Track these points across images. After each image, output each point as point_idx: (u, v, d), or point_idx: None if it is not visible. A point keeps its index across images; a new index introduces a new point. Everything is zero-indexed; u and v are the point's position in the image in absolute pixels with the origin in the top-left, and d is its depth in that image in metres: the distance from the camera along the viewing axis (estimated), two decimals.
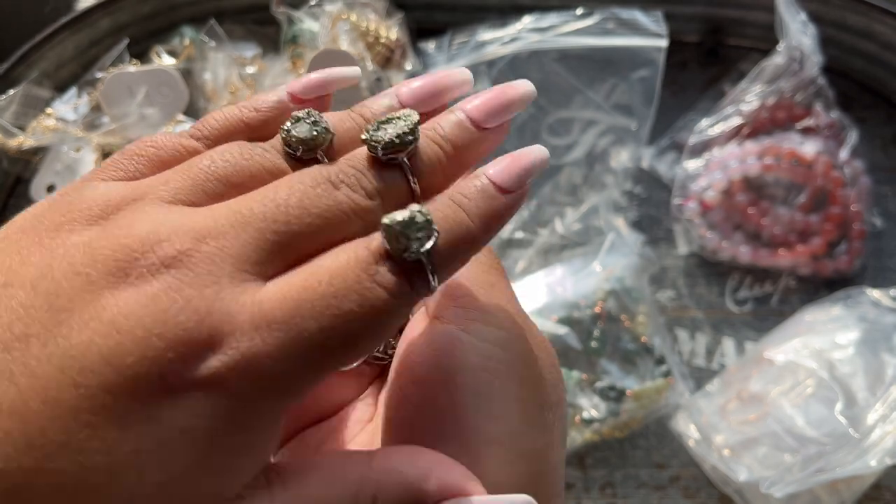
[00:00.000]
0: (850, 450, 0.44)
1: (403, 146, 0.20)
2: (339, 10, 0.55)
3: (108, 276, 0.16)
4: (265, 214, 0.18)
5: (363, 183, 0.19)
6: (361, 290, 0.17)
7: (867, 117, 0.61)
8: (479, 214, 0.19)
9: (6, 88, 0.56)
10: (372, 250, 0.18)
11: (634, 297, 0.51)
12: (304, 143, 0.20)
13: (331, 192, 0.19)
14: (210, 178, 0.19)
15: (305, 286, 0.17)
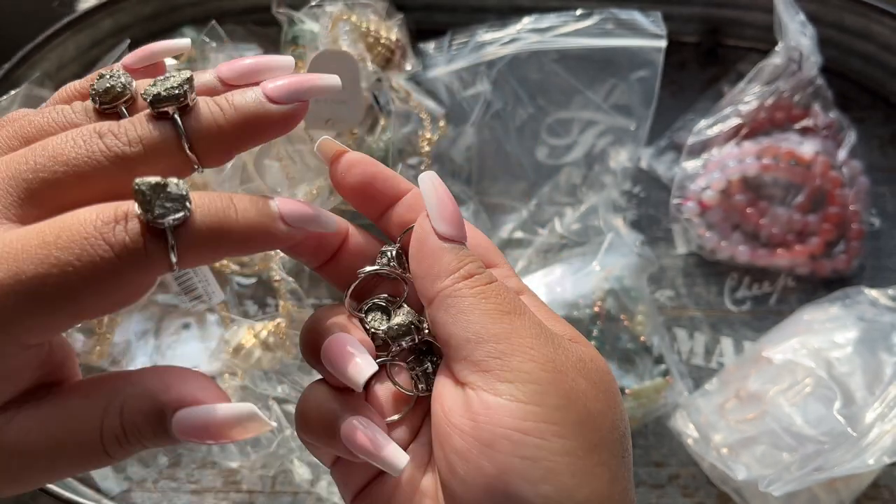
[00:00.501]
0: (848, 448, 0.44)
1: (171, 100, 0.21)
2: (340, 11, 0.55)
3: None
4: (21, 163, 0.20)
5: (129, 133, 0.20)
6: (85, 245, 0.18)
7: (865, 117, 0.61)
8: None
9: (8, 89, 0.56)
10: (117, 209, 0.19)
11: (633, 296, 0.51)
12: (100, 95, 0.22)
13: (92, 141, 0.20)
14: (14, 137, 0.21)
15: (38, 232, 0.19)
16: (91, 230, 0.18)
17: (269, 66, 0.23)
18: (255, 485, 0.50)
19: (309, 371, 0.52)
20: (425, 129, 0.55)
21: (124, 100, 0.22)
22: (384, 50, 0.56)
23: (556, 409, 0.21)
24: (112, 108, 0.22)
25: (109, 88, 0.22)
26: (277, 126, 0.22)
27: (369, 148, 0.54)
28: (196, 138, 0.21)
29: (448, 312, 0.23)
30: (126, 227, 0.19)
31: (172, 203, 0.19)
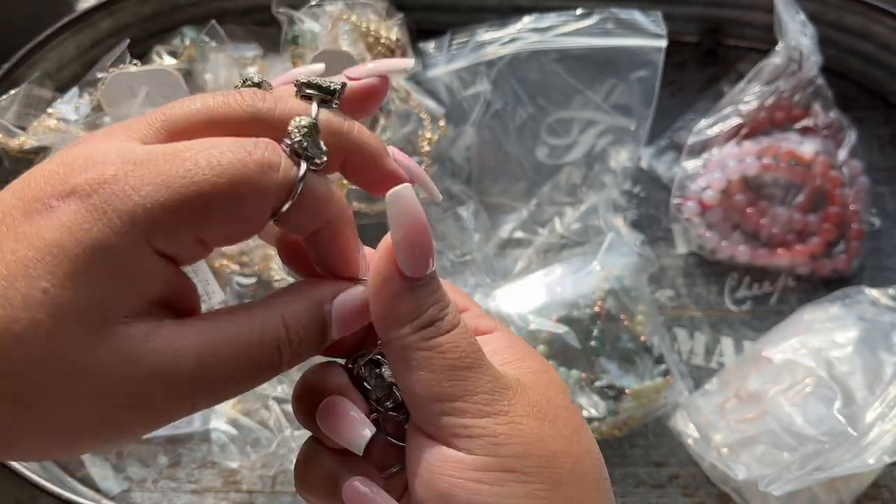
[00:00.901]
0: (848, 448, 0.44)
1: (321, 90, 0.23)
2: (340, 11, 0.55)
3: (53, 196, 0.20)
4: (176, 106, 0.21)
5: (268, 97, 0.22)
6: (239, 152, 0.20)
7: (865, 117, 0.61)
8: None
9: (8, 89, 0.56)
10: (259, 139, 0.21)
11: (633, 296, 0.51)
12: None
13: (237, 95, 0.22)
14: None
15: (188, 146, 0.20)
16: (237, 144, 0.20)
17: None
18: (255, 485, 0.50)
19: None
20: (425, 128, 0.55)
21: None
22: (384, 50, 0.56)
23: (514, 458, 0.21)
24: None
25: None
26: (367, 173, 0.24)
27: None
28: (325, 121, 0.22)
29: (403, 363, 0.22)
30: (268, 148, 0.21)
31: (316, 150, 0.21)
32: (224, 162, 0.20)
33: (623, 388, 0.49)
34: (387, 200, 0.22)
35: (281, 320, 0.21)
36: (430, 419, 0.22)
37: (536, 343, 0.49)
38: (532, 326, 0.50)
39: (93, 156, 0.20)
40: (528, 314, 0.50)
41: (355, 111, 0.24)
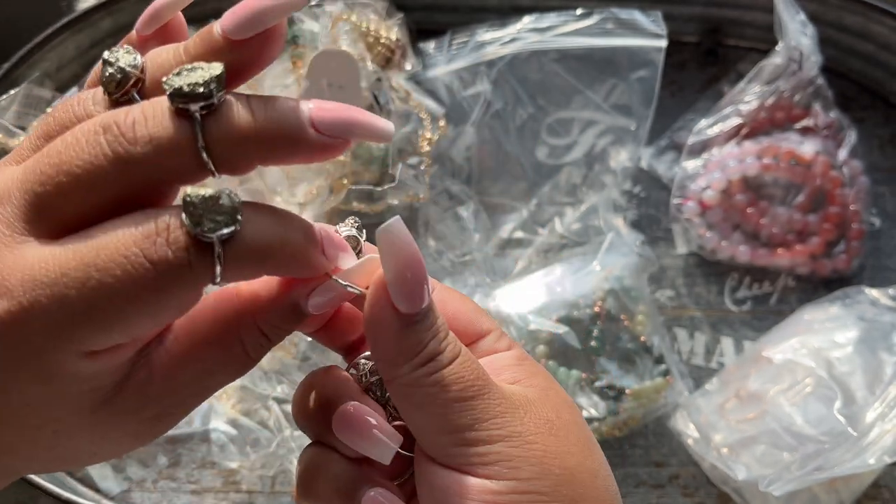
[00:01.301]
0: (848, 448, 0.44)
1: (193, 97, 0.18)
2: (340, 11, 0.55)
3: None
4: (31, 172, 0.18)
5: (137, 129, 0.18)
6: (125, 265, 0.17)
7: (865, 117, 0.61)
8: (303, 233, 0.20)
9: (7, 88, 0.56)
10: (157, 222, 0.18)
11: (633, 296, 0.51)
12: (105, 85, 0.20)
13: (94, 141, 0.18)
14: (39, 136, 0.20)
15: (75, 252, 0.18)
16: (131, 248, 0.17)
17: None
18: (255, 485, 0.50)
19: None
20: (425, 128, 0.55)
21: (132, 84, 0.20)
22: (384, 49, 0.56)
23: (533, 479, 0.21)
24: (125, 97, 0.20)
25: (110, 77, 0.20)
26: (309, 156, 0.20)
27: (369, 147, 0.54)
28: (215, 141, 0.18)
29: (407, 401, 0.22)
30: (168, 241, 0.18)
31: (223, 216, 0.18)
32: (126, 279, 0.17)
33: (623, 389, 0.49)
34: (377, 236, 0.20)
35: (254, 326, 0.22)
36: (440, 450, 0.22)
37: (536, 343, 0.49)
38: (532, 326, 0.50)
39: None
40: (528, 314, 0.50)
41: (305, 160, 0.21)
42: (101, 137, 0.18)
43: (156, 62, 0.20)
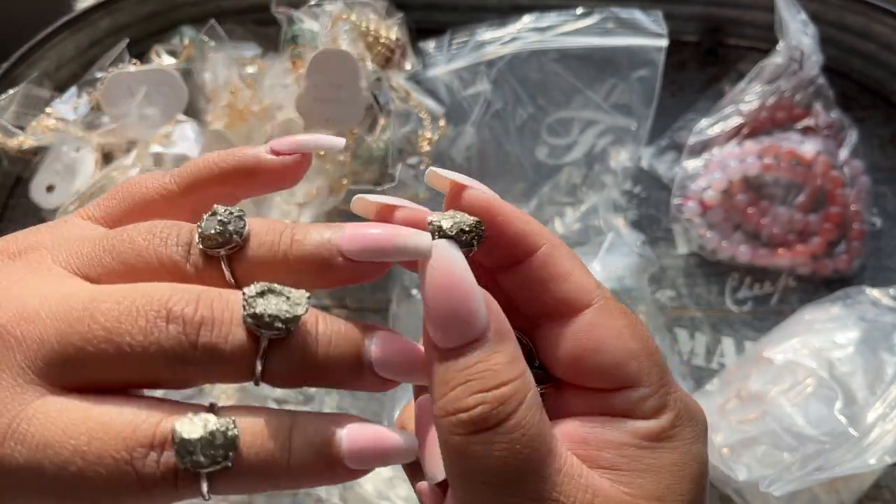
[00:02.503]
0: (849, 448, 0.44)
1: (275, 327, 0.17)
2: (340, 10, 0.55)
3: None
4: (77, 321, 0.17)
5: (203, 334, 0.17)
6: (111, 466, 0.17)
7: (866, 117, 0.61)
8: (300, 466, 0.18)
9: (6, 88, 0.56)
10: (155, 434, 0.17)
11: (634, 296, 0.51)
12: (204, 238, 0.19)
13: (154, 325, 0.17)
14: (110, 253, 0.19)
15: (65, 430, 0.17)
16: (122, 451, 0.17)
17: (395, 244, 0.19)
18: None
19: None
20: (425, 128, 0.55)
21: (227, 248, 0.19)
22: (384, 49, 0.56)
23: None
24: (212, 253, 0.19)
25: (212, 236, 0.19)
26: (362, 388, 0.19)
27: (369, 147, 0.54)
28: (273, 373, 0.18)
29: (449, 465, 0.18)
30: (159, 460, 0.17)
31: (216, 450, 0.17)
32: (111, 480, 0.17)
33: None
34: (428, 255, 0.18)
35: None
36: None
37: None
38: None
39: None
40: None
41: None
42: (164, 325, 0.17)
43: (258, 239, 0.19)
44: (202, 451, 0.17)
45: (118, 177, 0.52)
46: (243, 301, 0.17)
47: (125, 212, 0.22)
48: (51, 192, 0.55)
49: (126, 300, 0.17)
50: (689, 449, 0.19)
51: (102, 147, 0.56)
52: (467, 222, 0.20)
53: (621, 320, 0.20)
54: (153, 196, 0.22)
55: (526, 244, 0.21)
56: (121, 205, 0.22)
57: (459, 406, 0.17)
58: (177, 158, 0.54)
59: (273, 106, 0.54)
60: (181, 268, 0.19)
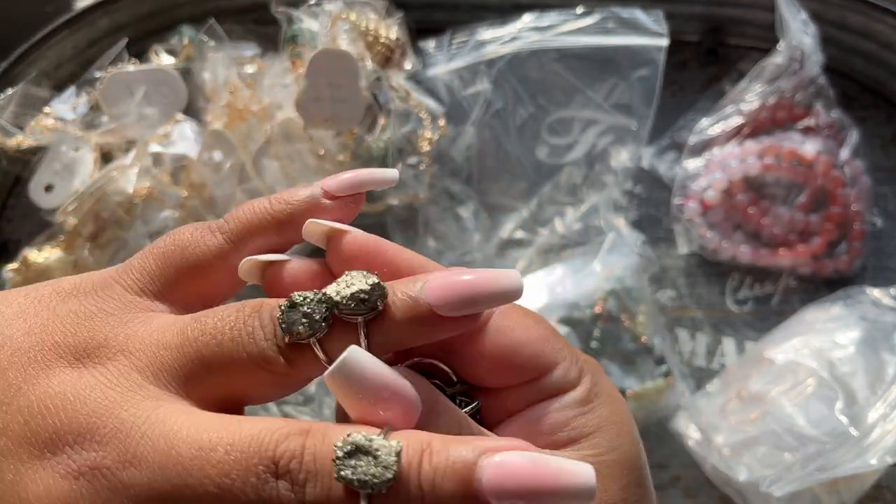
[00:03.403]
0: (850, 448, 0.44)
1: (367, 488, 0.17)
2: (339, 10, 0.55)
3: (43, 445, 0.17)
4: (189, 472, 0.16)
5: (308, 491, 0.16)
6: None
7: (867, 117, 0.61)
8: None
9: (5, 88, 0.56)
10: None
11: (634, 296, 0.51)
12: (287, 332, 0.18)
13: (266, 485, 0.16)
14: (198, 361, 0.18)
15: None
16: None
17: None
18: None
19: None
20: (425, 128, 0.55)
21: (313, 339, 0.18)
22: (384, 49, 0.55)
23: None
24: (302, 343, 0.18)
25: (297, 327, 0.18)
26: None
27: (369, 147, 0.54)
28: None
29: None
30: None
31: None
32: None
33: (624, 390, 0.49)
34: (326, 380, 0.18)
35: None
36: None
37: None
38: None
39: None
40: None
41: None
42: (275, 482, 0.16)
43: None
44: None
45: (117, 176, 0.52)
46: (334, 460, 0.17)
47: (175, 280, 0.20)
48: (50, 191, 0.55)
49: (235, 450, 0.17)
50: (612, 393, 0.22)
51: (101, 147, 0.56)
52: (365, 285, 0.18)
53: (520, 313, 0.21)
54: (205, 259, 0.20)
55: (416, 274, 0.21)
56: (168, 272, 0.20)
57: None
58: (176, 158, 0.53)
59: (273, 105, 0.54)
60: (273, 364, 0.18)
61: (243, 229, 0.21)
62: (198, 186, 0.53)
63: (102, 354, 0.18)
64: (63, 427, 0.17)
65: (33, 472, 0.17)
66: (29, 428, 0.17)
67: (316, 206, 0.21)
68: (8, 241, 0.59)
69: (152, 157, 0.53)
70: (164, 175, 0.53)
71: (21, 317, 0.19)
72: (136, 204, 0.52)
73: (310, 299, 0.18)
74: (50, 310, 0.19)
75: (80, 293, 0.20)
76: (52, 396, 0.17)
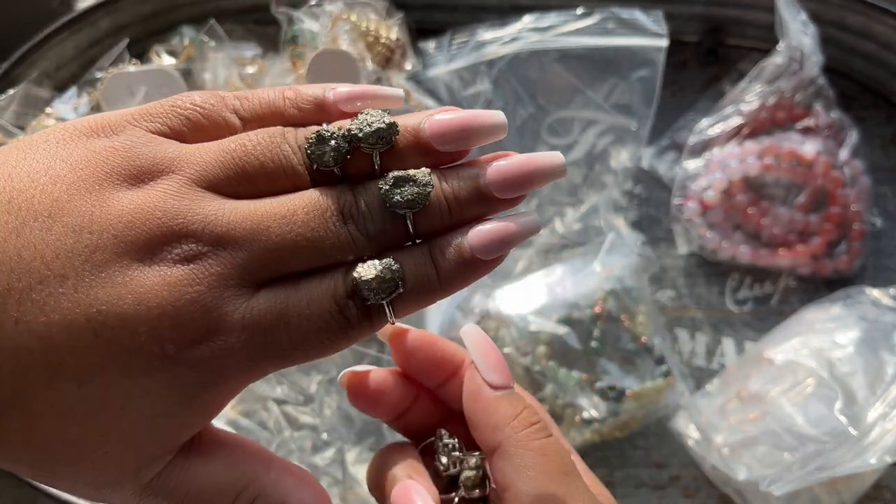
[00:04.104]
0: (849, 448, 0.44)
1: (413, 207, 0.21)
2: (340, 10, 0.55)
3: (141, 250, 0.19)
4: (277, 234, 0.20)
5: (369, 226, 0.21)
6: (330, 320, 0.21)
7: (867, 117, 0.61)
8: (448, 277, 0.22)
9: (6, 88, 0.56)
10: (347, 287, 0.21)
11: (634, 296, 0.51)
12: (323, 163, 0.22)
13: (338, 226, 0.21)
14: (238, 169, 0.21)
15: (288, 305, 0.20)
16: (332, 304, 0.21)
17: (477, 128, 0.24)
18: None
19: (308, 371, 0.52)
20: None
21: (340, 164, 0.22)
22: (384, 49, 0.56)
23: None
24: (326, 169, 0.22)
25: (326, 158, 0.22)
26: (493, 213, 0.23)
27: None
28: (420, 229, 0.22)
29: (511, 463, 0.24)
30: (356, 303, 0.21)
31: (389, 284, 0.21)
32: (329, 328, 0.21)
33: (624, 390, 0.49)
34: (462, 334, 0.26)
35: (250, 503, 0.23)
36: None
37: (537, 344, 0.49)
38: (532, 327, 0.49)
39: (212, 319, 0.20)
40: (529, 315, 0.50)
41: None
42: (342, 224, 0.21)
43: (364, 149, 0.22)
44: (380, 287, 0.21)
45: None
46: (382, 194, 0.21)
47: (185, 137, 0.22)
48: None
49: (310, 209, 0.21)
50: None
51: None
52: (382, 124, 0.22)
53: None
54: (216, 130, 0.23)
55: (455, 362, 0.28)
56: (182, 131, 0.22)
57: (532, 418, 0.25)
58: None
59: None
60: (302, 180, 0.22)
61: (258, 119, 0.23)
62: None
63: (156, 174, 0.20)
64: (155, 232, 0.19)
65: (141, 272, 0.19)
66: (122, 241, 0.19)
67: (323, 111, 0.23)
68: None
69: None
70: None
71: (57, 157, 0.20)
72: None
73: (335, 134, 0.22)
74: (82, 147, 0.20)
75: (101, 133, 0.21)
76: (132, 211, 0.20)
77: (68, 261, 0.19)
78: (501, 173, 0.23)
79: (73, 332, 0.18)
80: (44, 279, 0.18)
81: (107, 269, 0.19)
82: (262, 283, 0.21)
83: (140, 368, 0.19)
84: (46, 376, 0.18)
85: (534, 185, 0.23)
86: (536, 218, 0.23)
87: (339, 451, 0.50)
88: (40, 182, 0.19)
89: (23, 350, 0.18)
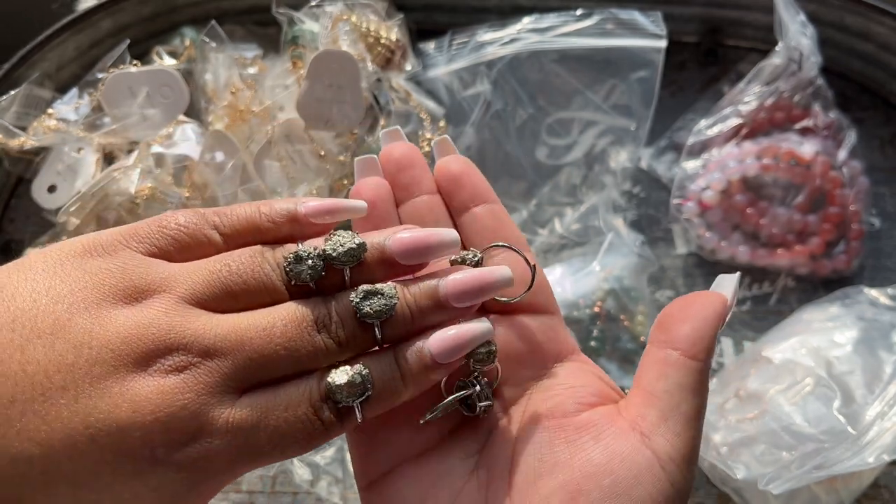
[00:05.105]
0: (847, 447, 0.44)
1: (381, 317, 0.24)
2: (340, 11, 0.55)
3: (136, 362, 0.21)
4: (259, 345, 0.22)
5: (341, 335, 0.23)
6: (306, 421, 0.23)
7: (865, 118, 0.61)
8: (412, 380, 0.24)
9: (7, 89, 0.56)
10: (321, 392, 0.23)
11: (633, 296, 0.51)
12: (301, 280, 0.24)
13: (313, 335, 0.23)
14: (223, 288, 0.23)
15: (268, 409, 0.22)
16: (308, 409, 0.23)
17: (433, 246, 0.25)
18: (255, 485, 0.50)
19: None
20: (425, 129, 0.55)
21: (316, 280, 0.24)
22: (384, 50, 0.56)
23: None
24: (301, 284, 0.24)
25: (303, 275, 0.24)
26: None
27: (369, 148, 0.54)
28: (386, 336, 0.24)
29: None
30: (329, 407, 0.23)
31: (359, 388, 0.23)
32: (304, 430, 0.23)
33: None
34: None
35: None
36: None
37: None
38: None
39: (199, 423, 0.21)
40: None
41: None
42: (316, 333, 0.23)
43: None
44: (351, 391, 0.23)
45: (119, 177, 0.52)
46: (353, 306, 0.24)
47: (172, 257, 0.24)
48: (52, 192, 0.55)
49: (289, 322, 0.23)
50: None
51: (104, 148, 0.56)
52: (353, 244, 0.24)
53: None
54: (200, 249, 0.24)
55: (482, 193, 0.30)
56: (168, 251, 0.24)
57: None
58: (178, 159, 0.54)
59: (274, 106, 0.54)
60: (280, 295, 0.24)
61: (236, 236, 0.25)
62: (199, 187, 0.53)
63: (148, 293, 0.22)
64: (149, 346, 0.21)
65: (136, 382, 0.21)
66: (119, 355, 0.21)
67: (296, 224, 0.25)
68: (11, 242, 0.60)
69: (154, 157, 0.54)
70: (166, 176, 0.53)
71: (56, 277, 0.22)
72: (137, 204, 0.52)
73: (311, 254, 0.24)
74: (77, 268, 0.22)
75: (95, 253, 0.23)
76: (129, 327, 0.21)
77: (69, 374, 0.21)
78: (458, 286, 0.24)
79: (71, 439, 0.20)
80: (46, 391, 0.20)
81: (105, 380, 0.21)
82: (244, 389, 0.22)
83: (131, 472, 0.21)
84: (44, 481, 0.20)
85: (486, 296, 0.25)
86: (489, 325, 0.25)
87: (339, 450, 0.50)
88: (42, 302, 0.21)
89: (23, 457, 0.20)
